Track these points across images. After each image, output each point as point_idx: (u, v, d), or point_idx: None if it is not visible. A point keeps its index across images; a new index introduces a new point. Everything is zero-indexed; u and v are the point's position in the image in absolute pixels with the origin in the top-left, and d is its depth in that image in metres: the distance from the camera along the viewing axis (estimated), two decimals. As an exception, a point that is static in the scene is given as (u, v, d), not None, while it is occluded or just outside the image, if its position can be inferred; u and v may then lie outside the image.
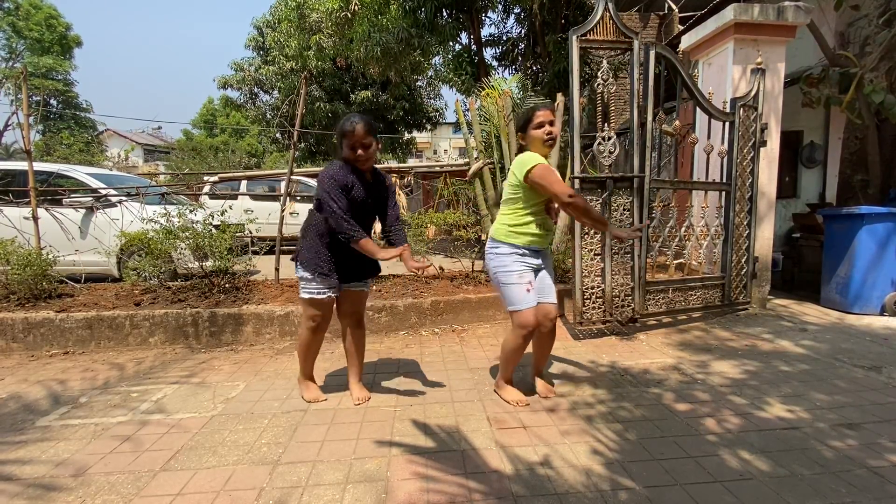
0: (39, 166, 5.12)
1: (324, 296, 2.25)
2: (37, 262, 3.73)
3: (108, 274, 4.98)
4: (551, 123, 2.18)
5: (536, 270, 2.30)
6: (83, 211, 4.96)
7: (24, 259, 3.71)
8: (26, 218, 4.28)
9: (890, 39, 4.17)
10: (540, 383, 2.46)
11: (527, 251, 2.22)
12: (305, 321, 2.34)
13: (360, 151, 2.13)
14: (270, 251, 4.83)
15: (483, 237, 4.66)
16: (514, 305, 2.19)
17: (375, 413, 2.26)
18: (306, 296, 2.26)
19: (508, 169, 4.15)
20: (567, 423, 2.12)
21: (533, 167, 2.10)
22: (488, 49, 10.36)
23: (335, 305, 2.39)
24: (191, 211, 4.03)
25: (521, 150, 2.31)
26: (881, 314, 3.90)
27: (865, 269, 3.87)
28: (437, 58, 11.29)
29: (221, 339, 3.40)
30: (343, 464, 1.82)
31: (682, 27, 7.42)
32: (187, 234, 3.82)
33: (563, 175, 4.50)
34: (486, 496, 1.60)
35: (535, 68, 9.61)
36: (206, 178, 9.62)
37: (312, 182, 7.89)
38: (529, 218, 2.20)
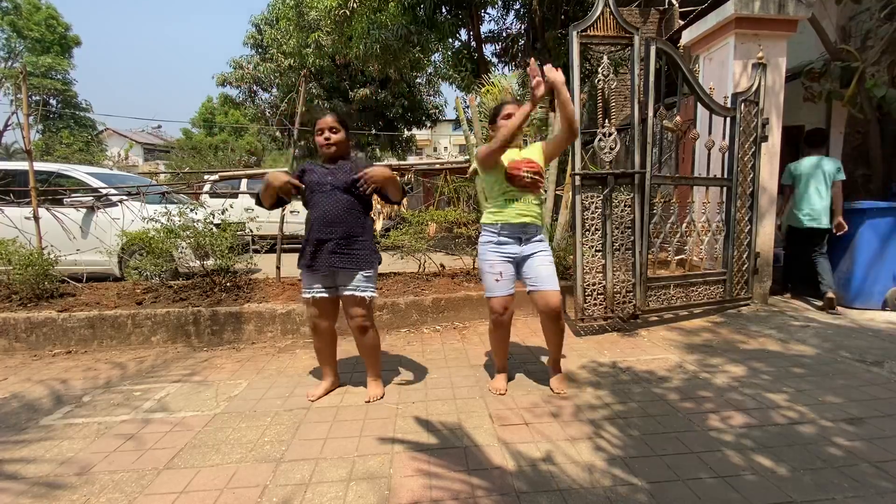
0: (40, 166, 5.12)
1: (308, 295, 2.33)
2: (38, 261, 3.74)
3: (110, 273, 4.99)
4: (510, 115, 2.26)
5: (517, 261, 2.35)
6: (84, 210, 4.97)
7: (25, 259, 3.71)
8: (27, 218, 4.29)
9: (892, 33, 4.15)
10: (553, 380, 2.47)
11: (504, 237, 2.32)
12: (306, 321, 2.43)
13: (325, 135, 2.30)
14: (271, 249, 4.84)
15: (484, 234, 4.65)
16: (486, 292, 2.39)
17: (378, 410, 2.27)
18: (301, 295, 2.38)
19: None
20: (569, 420, 2.12)
21: (477, 152, 2.32)
22: (488, 45, 10.34)
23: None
24: (191, 210, 4.03)
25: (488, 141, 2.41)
26: (883, 309, 3.89)
27: (867, 264, 3.86)
28: (436, 55, 11.26)
29: (223, 338, 3.41)
30: (346, 461, 1.82)
31: (682, 22, 7.40)
32: (188, 232, 3.82)
33: (564, 171, 4.50)
34: (489, 492, 1.60)
35: (535, 65, 9.57)
36: (206, 176, 9.62)
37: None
38: (494, 200, 2.34)
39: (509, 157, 2.29)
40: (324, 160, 2.38)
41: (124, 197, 5.01)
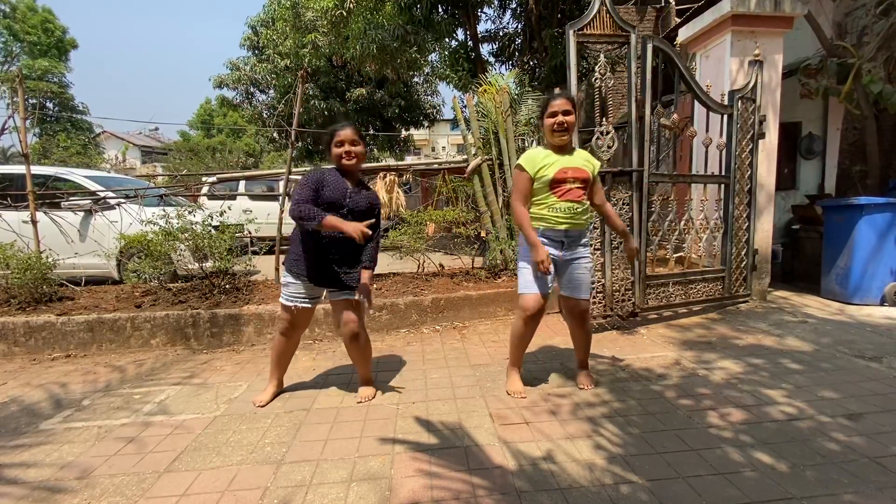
0: (37, 169, 5.11)
1: (290, 304, 2.29)
2: (37, 265, 3.73)
3: (109, 276, 4.98)
4: (565, 113, 2.20)
5: (557, 263, 2.32)
6: (82, 214, 4.96)
7: (24, 263, 3.70)
8: (25, 222, 4.28)
9: (887, 29, 4.16)
10: (580, 375, 2.50)
11: (545, 239, 2.27)
12: (277, 324, 2.42)
13: (346, 148, 2.21)
14: (270, 251, 4.83)
15: (482, 234, 4.65)
16: (519, 288, 2.31)
17: (378, 411, 2.27)
18: (281, 300, 2.33)
19: (507, 165, 4.14)
20: (569, 418, 2.12)
21: (516, 167, 2.32)
22: (485, 45, 10.32)
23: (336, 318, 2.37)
24: (189, 212, 4.02)
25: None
26: (881, 304, 3.90)
27: (865, 259, 3.88)
28: (433, 54, 11.25)
29: (223, 340, 3.41)
30: (347, 462, 1.82)
31: (679, 20, 7.40)
32: (186, 235, 3.82)
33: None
34: (490, 492, 1.60)
35: (532, 63, 9.58)
36: (204, 178, 9.61)
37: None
38: (538, 204, 2.28)
39: (558, 164, 2.22)
40: (341, 172, 2.29)
41: (122, 200, 5.01)
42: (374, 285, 4.18)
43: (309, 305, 2.34)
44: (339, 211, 2.21)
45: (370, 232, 2.18)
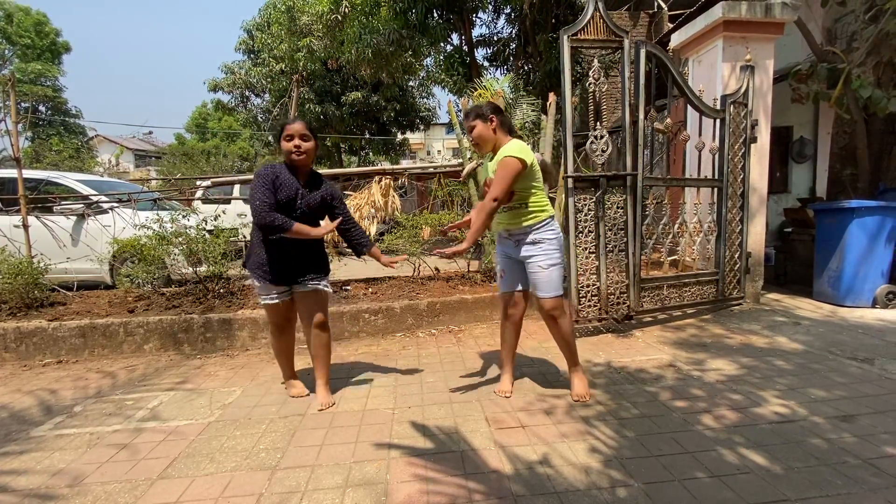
0: (29, 173, 5.08)
1: (274, 301, 2.34)
2: (28, 270, 3.70)
3: (101, 281, 4.94)
4: (302, 137, 2.24)
5: (513, 259, 2.39)
6: (74, 218, 4.92)
7: (15, 268, 3.67)
8: (17, 226, 4.24)
9: (876, 35, 4.22)
10: (573, 383, 2.41)
11: (499, 237, 2.45)
12: (269, 326, 2.50)
13: (296, 142, 2.22)
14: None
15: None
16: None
17: (374, 416, 2.26)
18: (264, 302, 2.38)
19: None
20: (565, 422, 2.13)
21: (515, 158, 2.19)
22: (479, 49, 10.38)
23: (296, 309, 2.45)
24: (184, 216, 4.00)
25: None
26: (872, 307, 3.94)
27: (857, 262, 3.91)
28: (428, 59, 11.29)
29: (217, 345, 3.38)
30: (342, 467, 1.81)
31: (671, 25, 7.47)
32: (180, 239, 3.80)
33: (557, 174, 4.51)
34: (487, 496, 1.60)
35: (526, 68, 9.64)
36: (198, 182, 9.56)
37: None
38: None
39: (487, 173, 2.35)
40: (292, 170, 2.29)
41: (115, 204, 4.97)
42: (370, 289, 4.17)
43: (287, 298, 2.40)
44: (294, 213, 2.24)
45: (333, 228, 2.33)
